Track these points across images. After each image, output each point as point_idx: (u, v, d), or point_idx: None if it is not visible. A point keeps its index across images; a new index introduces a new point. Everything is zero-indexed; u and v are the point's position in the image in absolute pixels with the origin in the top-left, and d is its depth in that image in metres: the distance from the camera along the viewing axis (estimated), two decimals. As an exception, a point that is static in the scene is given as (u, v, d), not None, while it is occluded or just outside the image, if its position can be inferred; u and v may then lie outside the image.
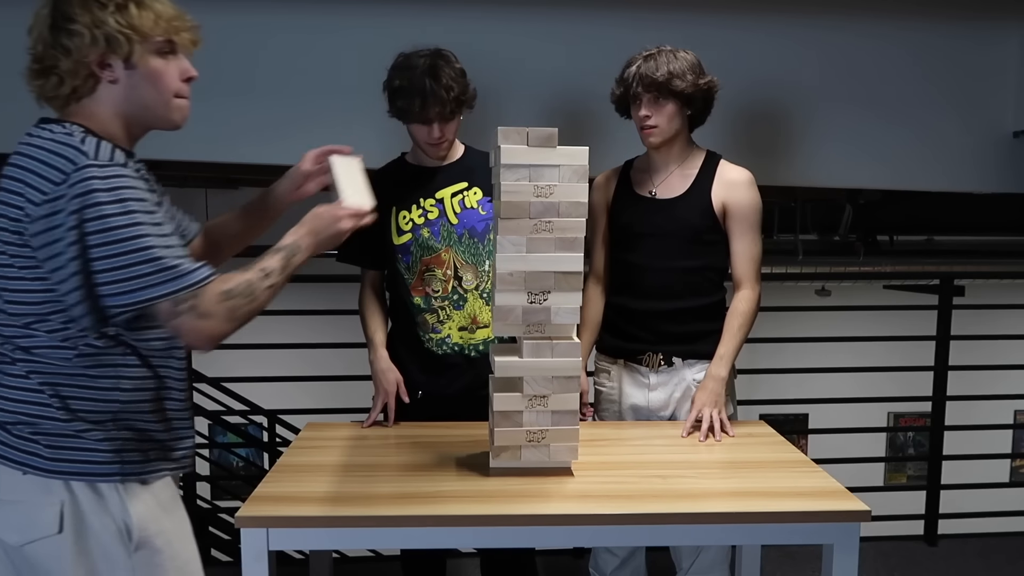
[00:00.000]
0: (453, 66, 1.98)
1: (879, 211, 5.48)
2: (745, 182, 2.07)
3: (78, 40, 1.30)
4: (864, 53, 2.84)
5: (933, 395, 3.37)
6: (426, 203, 2.09)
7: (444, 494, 1.65)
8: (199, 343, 1.35)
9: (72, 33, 1.30)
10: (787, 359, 4.72)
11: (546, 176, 1.65)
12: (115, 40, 1.31)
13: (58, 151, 1.28)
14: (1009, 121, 2.91)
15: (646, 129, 2.04)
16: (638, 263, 2.11)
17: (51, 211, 1.26)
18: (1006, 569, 3.16)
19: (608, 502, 1.62)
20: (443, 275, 2.08)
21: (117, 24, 1.31)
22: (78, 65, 1.32)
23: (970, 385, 3.69)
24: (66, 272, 1.27)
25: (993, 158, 2.93)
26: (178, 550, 1.44)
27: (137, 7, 1.33)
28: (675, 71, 1.97)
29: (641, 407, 2.16)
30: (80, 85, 1.34)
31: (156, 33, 1.35)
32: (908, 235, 5.73)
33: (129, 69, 1.35)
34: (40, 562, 1.34)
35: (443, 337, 2.11)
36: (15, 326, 1.34)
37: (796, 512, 1.60)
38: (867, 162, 2.92)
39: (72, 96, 1.35)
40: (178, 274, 1.29)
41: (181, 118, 1.43)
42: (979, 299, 3.97)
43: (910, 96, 2.88)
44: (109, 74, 1.34)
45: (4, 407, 1.36)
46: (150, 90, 1.37)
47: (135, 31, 1.32)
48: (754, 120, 2.84)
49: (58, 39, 1.31)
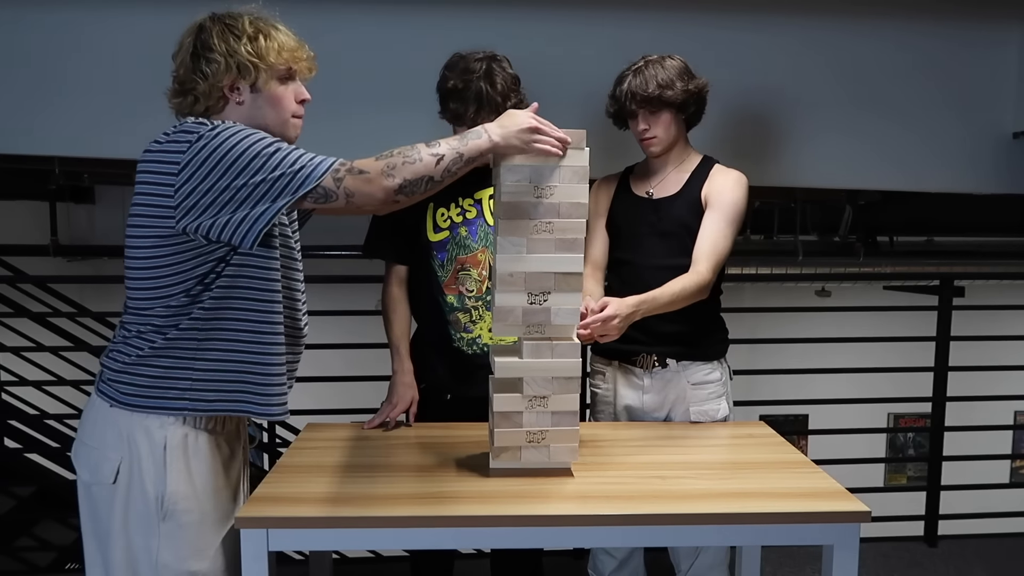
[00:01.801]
0: (507, 72, 1.98)
1: (879, 212, 5.47)
2: (733, 178, 2.09)
3: (214, 67, 1.50)
4: (864, 54, 2.84)
5: (933, 396, 3.37)
6: (465, 202, 2.09)
7: (444, 495, 1.65)
8: (370, 201, 1.49)
9: (210, 60, 1.50)
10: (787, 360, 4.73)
11: (546, 177, 1.65)
12: (245, 67, 1.51)
13: (182, 129, 1.46)
14: (1009, 122, 2.91)
15: (646, 140, 2.08)
16: (633, 261, 2.13)
17: (192, 159, 1.42)
18: (1006, 570, 3.16)
19: (608, 503, 1.62)
20: (478, 275, 2.08)
21: (247, 53, 1.51)
22: (212, 88, 1.52)
23: (970, 386, 3.69)
24: (224, 197, 1.42)
25: (993, 159, 2.93)
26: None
27: (265, 39, 1.52)
28: (664, 82, 2.00)
29: (636, 408, 2.16)
30: (212, 105, 1.53)
31: (279, 62, 1.54)
32: (908, 236, 5.72)
33: (254, 92, 1.54)
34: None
35: (474, 337, 2.11)
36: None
37: (796, 513, 1.60)
38: (867, 163, 2.92)
39: (204, 114, 1.54)
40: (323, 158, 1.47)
41: (295, 135, 1.61)
42: (979, 300, 3.98)
43: (910, 97, 2.88)
44: (237, 96, 1.54)
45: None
46: (270, 111, 1.56)
47: (261, 60, 1.52)
48: (754, 120, 2.84)
49: (198, 65, 1.51)
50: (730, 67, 2.71)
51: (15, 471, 4.17)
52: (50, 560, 3.74)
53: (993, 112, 2.91)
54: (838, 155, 2.90)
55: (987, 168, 2.94)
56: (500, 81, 1.95)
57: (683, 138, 2.13)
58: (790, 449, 1.97)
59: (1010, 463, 7.41)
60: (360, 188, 1.48)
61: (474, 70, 1.94)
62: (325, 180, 1.45)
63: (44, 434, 4.29)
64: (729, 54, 2.75)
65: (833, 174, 2.95)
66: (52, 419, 3.90)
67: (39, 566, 3.46)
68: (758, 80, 2.80)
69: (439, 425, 2.11)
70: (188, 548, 1.56)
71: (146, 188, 1.47)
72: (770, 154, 2.87)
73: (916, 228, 5.67)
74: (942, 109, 2.89)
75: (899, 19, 2.83)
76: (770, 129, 2.85)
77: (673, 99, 2.00)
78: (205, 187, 1.43)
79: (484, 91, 1.93)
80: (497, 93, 1.93)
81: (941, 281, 3.42)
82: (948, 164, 2.94)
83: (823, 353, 4.35)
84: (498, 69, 1.96)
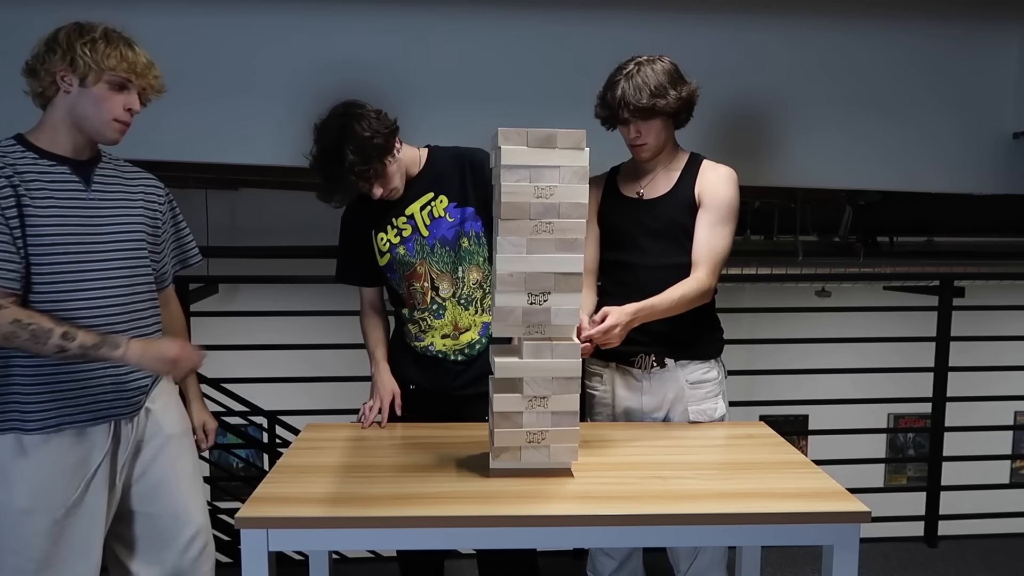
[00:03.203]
0: (361, 134, 1.90)
1: (879, 212, 5.47)
2: (723, 176, 2.08)
3: (52, 56, 1.69)
4: (864, 54, 2.84)
5: (933, 396, 3.37)
6: (399, 221, 2.11)
7: (444, 495, 1.65)
8: None
9: (52, 50, 1.70)
10: (787, 360, 4.73)
11: (546, 177, 1.65)
12: (75, 62, 1.68)
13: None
14: (1009, 122, 2.91)
15: (637, 147, 2.07)
16: (628, 262, 2.12)
17: None
18: (1006, 570, 3.16)
19: (608, 503, 1.61)
20: (421, 288, 2.11)
21: (82, 52, 1.68)
22: (47, 73, 1.70)
23: (970, 386, 3.69)
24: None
25: (993, 159, 2.93)
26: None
27: (107, 46, 1.69)
28: (657, 90, 1.96)
29: (634, 410, 2.16)
30: (47, 87, 1.72)
31: (114, 69, 1.70)
32: (908, 236, 5.72)
33: (82, 87, 1.70)
34: None
35: (426, 345, 2.15)
36: None
37: (796, 513, 1.59)
38: (867, 163, 2.92)
39: (41, 95, 1.73)
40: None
41: (114, 138, 1.77)
42: (979, 300, 3.97)
43: (910, 97, 2.88)
44: (66, 86, 1.70)
45: None
46: (92, 108, 1.72)
47: (95, 62, 1.68)
48: (754, 121, 2.84)
49: (45, 52, 1.70)
50: (729, 67, 2.72)
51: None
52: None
53: (993, 112, 2.91)
54: (838, 155, 2.90)
55: (987, 168, 2.94)
56: (351, 158, 1.89)
57: (672, 140, 2.12)
58: (790, 449, 1.97)
59: (1010, 463, 7.42)
60: None
61: (326, 147, 1.92)
62: None
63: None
64: (729, 54, 2.75)
65: (833, 174, 2.95)
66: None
67: None
68: (758, 80, 2.80)
69: (439, 425, 2.11)
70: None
71: None
72: (770, 155, 2.87)
73: (916, 228, 5.67)
74: (942, 109, 2.89)
75: (899, 19, 2.83)
76: (770, 130, 2.85)
77: (666, 108, 1.99)
78: None
79: (345, 179, 1.92)
80: (357, 175, 1.91)
81: (941, 281, 3.42)
82: (948, 164, 2.94)
83: (823, 353, 4.36)
84: (349, 137, 1.90)
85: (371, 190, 1.99)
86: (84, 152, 1.79)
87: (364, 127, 1.92)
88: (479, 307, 2.13)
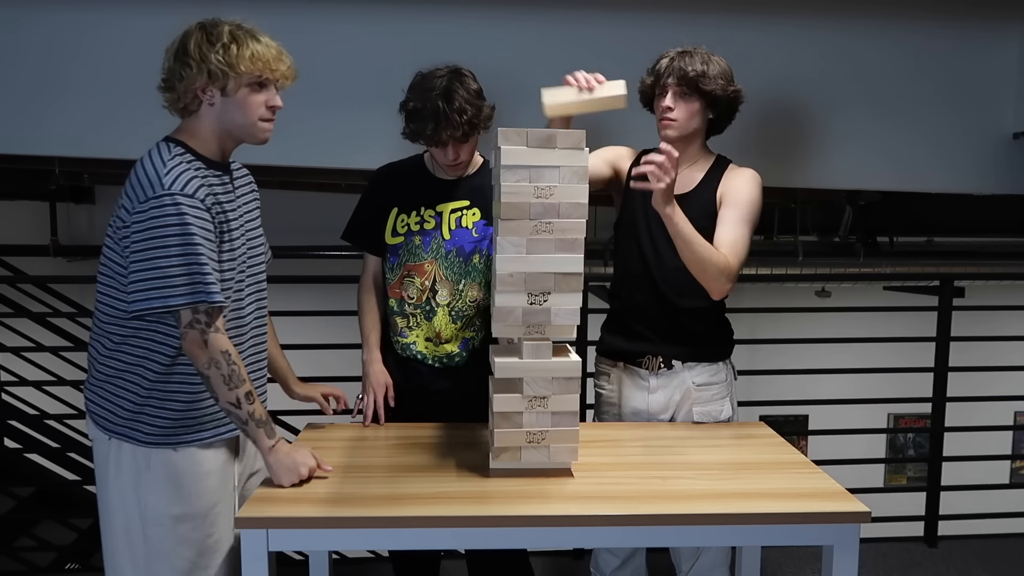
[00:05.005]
0: (469, 87, 1.96)
1: (879, 212, 5.47)
2: (748, 177, 2.08)
3: (188, 71, 1.62)
4: (864, 54, 2.84)
5: (933, 396, 3.36)
6: (425, 213, 2.11)
7: (444, 495, 1.65)
8: (188, 355, 1.63)
9: (186, 65, 1.62)
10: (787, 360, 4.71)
11: (546, 177, 1.65)
12: (215, 74, 1.61)
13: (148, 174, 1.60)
14: (1009, 122, 2.91)
15: (665, 120, 2.03)
16: (641, 258, 2.11)
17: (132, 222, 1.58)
18: (1006, 571, 3.16)
19: (608, 503, 1.62)
20: (421, 284, 2.10)
21: (218, 61, 1.61)
22: (187, 90, 1.63)
23: (970, 386, 3.68)
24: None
25: (993, 159, 2.93)
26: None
27: (239, 48, 1.62)
28: (708, 72, 1.99)
29: (641, 410, 2.16)
30: (189, 103, 1.66)
31: (250, 71, 1.63)
32: (908, 236, 5.72)
33: (225, 97, 1.64)
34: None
35: (409, 343, 2.13)
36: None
37: (796, 513, 1.60)
38: (867, 163, 2.92)
39: (183, 111, 1.68)
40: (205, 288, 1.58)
41: (264, 137, 1.71)
42: (979, 300, 3.97)
43: (911, 97, 2.88)
44: (209, 98, 1.65)
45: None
46: (238, 114, 1.66)
47: (231, 68, 1.61)
48: (753, 122, 2.83)
49: (178, 68, 1.63)
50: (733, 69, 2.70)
51: (15, 471, 4.17)
52: (50, 560, 3.74)
53: (993, 112, 2.91)
54: (838, 155, 2.90)
55: (987, 168, 2.94)
56: (459, 98, 1.92)
57: (701, 139, 2.11)
58: (790, 450, 1.97)
59: (1010, 463, 7.41)
60: (192, 343, 1.60)
61: (432, 87, 1.93)
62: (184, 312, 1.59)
63: (44, 434, 4.29)
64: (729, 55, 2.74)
65: (833, 174, 2.95)
66: (52, 419, 3.90)
67: (39, 566, 3.46)
68: (758, 81, 2.80)
69: (439, 425, 2.11)
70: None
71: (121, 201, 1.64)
72: (770, 155, 2.87)
73: (916, 228, 5.67)
74: (942, 109, 2.89)
75: (899, 19, 2.83)
76: (770, 130, 2.85)
77: (710, 90, 1.99)
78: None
79: (441, 109, 1.91)
80: (454, 111, 1.91)
81: (941, 281, 3.42)
82: (948, 164, 2.94)
83: (823, 353, 4.36)
84: (457, 86, 1.94)
85: (452, 145, 1.97)
86: (230, 155, 1.78)
87: (475, 85, 1.99)
88: (467, 323, 2.11)
